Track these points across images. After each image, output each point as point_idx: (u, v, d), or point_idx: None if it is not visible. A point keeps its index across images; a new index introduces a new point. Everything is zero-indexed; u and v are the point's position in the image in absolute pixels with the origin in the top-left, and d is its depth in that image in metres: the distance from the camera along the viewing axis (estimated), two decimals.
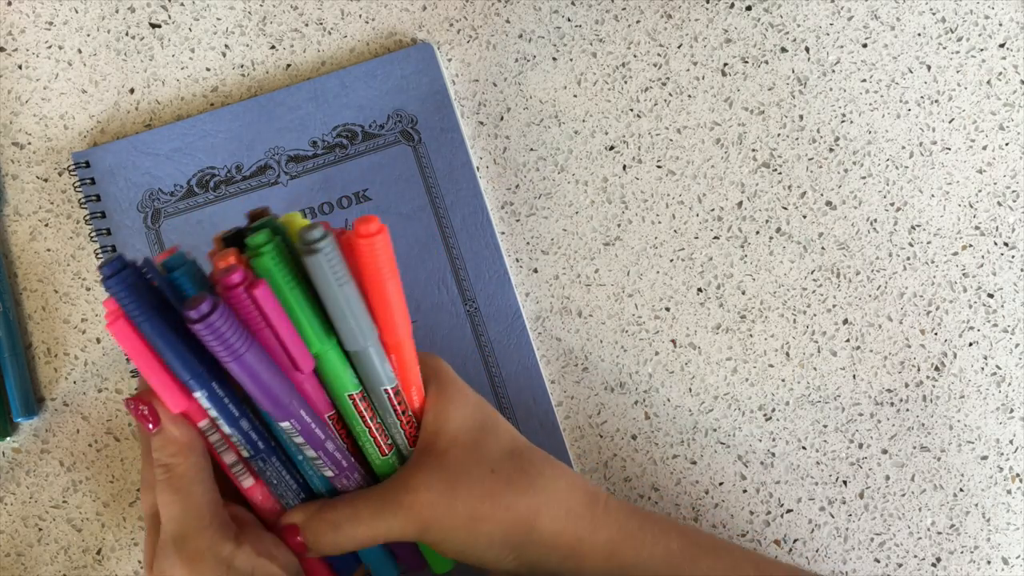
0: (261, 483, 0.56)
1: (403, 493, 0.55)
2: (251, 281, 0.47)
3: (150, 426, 0.52)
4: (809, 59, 0.73)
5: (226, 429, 0.52)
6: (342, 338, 0.51)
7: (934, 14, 0.73)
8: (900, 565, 0.71)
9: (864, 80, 0.73)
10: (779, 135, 0.73)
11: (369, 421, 0.55)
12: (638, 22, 0.74)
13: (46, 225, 0.74)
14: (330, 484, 0.58)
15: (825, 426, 0.72)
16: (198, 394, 0.50)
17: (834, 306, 0.72)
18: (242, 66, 0.75)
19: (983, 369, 0.72)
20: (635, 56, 0.74)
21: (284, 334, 0.48)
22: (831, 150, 0.73)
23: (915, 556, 0.71)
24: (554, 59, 0.74)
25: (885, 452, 0.72)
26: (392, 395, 0.55)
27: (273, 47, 0.75)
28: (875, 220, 0.72)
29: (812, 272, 0.72)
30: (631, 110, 0.74)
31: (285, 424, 0.51)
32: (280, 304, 0.48)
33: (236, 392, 0.51)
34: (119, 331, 0.48)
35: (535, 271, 0.73)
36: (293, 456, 0.56)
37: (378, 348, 0.52)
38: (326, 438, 0.54)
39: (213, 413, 0.51)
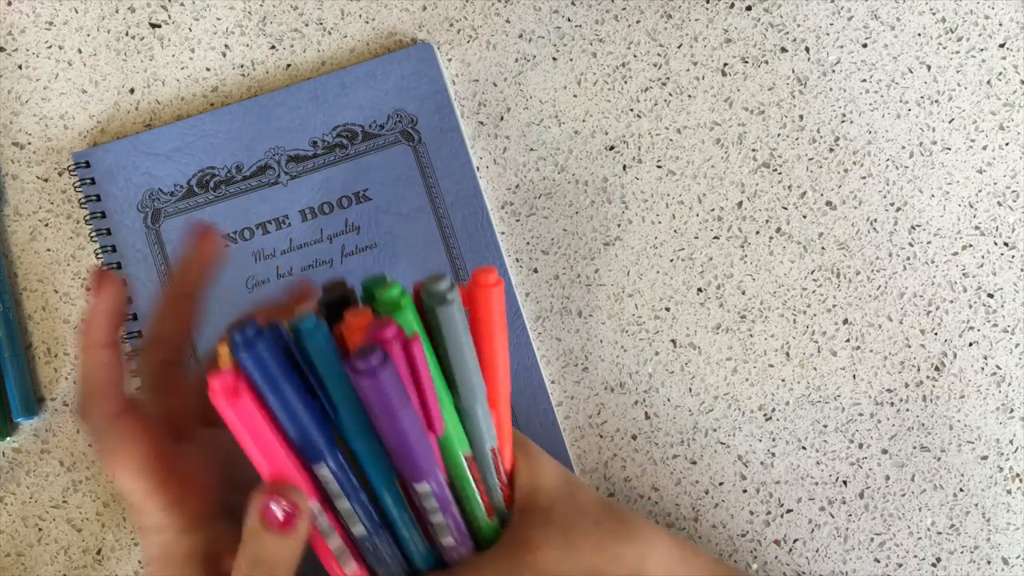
0: (364, 568, 0.53)
1: (525, 552, 0.54)
2: (405, 337, 0.45)
3: (288, 525, 0.47)
4: (809, 59, 0.73)
5: (344, 505, 0.50)
6: (461, 394, 0.50)
7: (934, 14, 0.73)
8: (900, 565, 0.71)
9: (864, 80, 0.73)
10: (779, 135, 0.73)
11: (479, 483, 0.54)
12: (638, 22, 0.74)
13: (46, 225, 0.74)
14: (433, 558, 0.55)
15: (825, 426, 0.72)
16: (323, 467, 0.48)
17: (834, 306, 0.72)
18: (242, 66, 0.75)
19: (983, 369, 0.72)
20: (635, 56, 0.74)
21: (428, 392, 0.47)
22: (831, 150, 0.73)
23: (915, 556, 0.71)
24: (554, 59, 0.74)
25: (885, 452, 0.72)
26: (495, 454, 0.54)
27: (273, 47, 0.75)
28: (875, 220, 0.72)
29: (812, 272, 0.72)
30: (631, 110, 0.74)
31: (423, 486, 0.50)
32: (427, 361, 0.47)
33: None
34: (242, 411, 0.45)
35: (535, 271, 0.73)
36: (399, 531, 0.53)
37: (485, 405, 0.52)
38: (451, 501, 0.52)
39: (334, 487, 0.49)
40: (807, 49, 0.73)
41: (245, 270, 0.71)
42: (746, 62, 0.74)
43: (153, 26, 0.75)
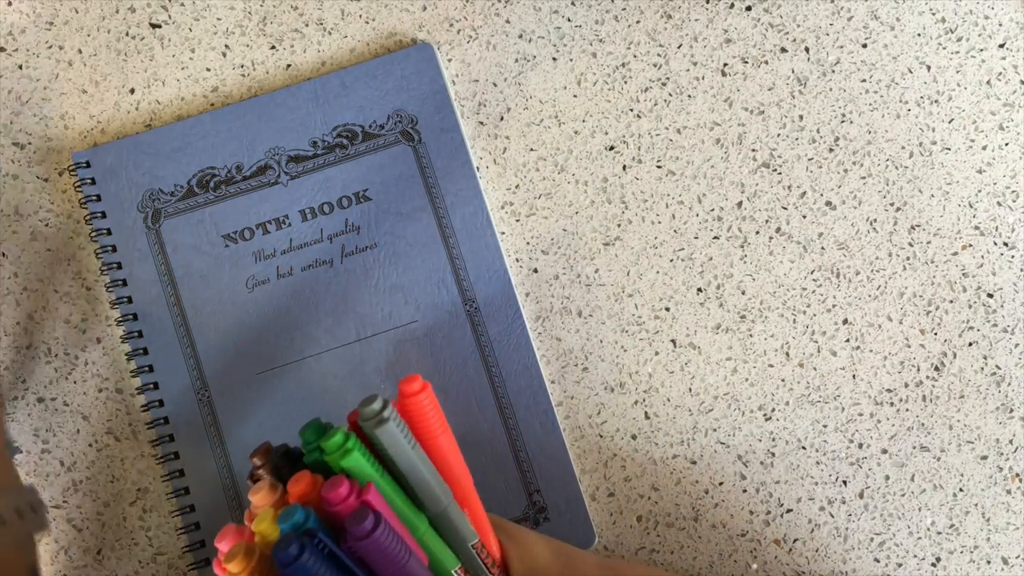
0: None
1: None
2: (358, 489, 0.47)
3: None
4: (809, 59, 0.73)
5: None
6: (425, 503, 0.50)
7: (934, 14, 0.73)
8: (900, 565, 0.71)
9: (864, 80, 0.73)
10: (779, 135, 0.73)
11: None
12: (638, 22, 0.74)
13: (46, 225, 0.74)
14: None
15: (825, 426, 0.72)
16: None
17: (834, 306, 0.72)
18: (242, 66, 0.75)
19: (983, 369, 0.72)
20: (635, 56, 0.74)
21: (399, 530, 0.48)
22: (831, 150, 0.73)
23: (915, 556, 0.71)
24: (554, 59, 0.74)
25: (885, 452, 0.72)
26: (479, 550, 0.54)
27: (273, 47, 0.75)
28: (875, 220, 0.72)
29: (812, 272, 0.72)
30: (631, 110, 0.74)
31: None
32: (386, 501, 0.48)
33: None
34: None
35: (535, 271, 0.73)
36: None
37: (455, 505, 0.52)
38: None
39: None
40: (807, 49, 0.73)
41: (245, 270, 0.71)
42: (746, 62, 0.74)
43: (153, 26, 0.75)
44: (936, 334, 0.72)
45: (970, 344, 0.72)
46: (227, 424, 0.71)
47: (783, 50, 0.74)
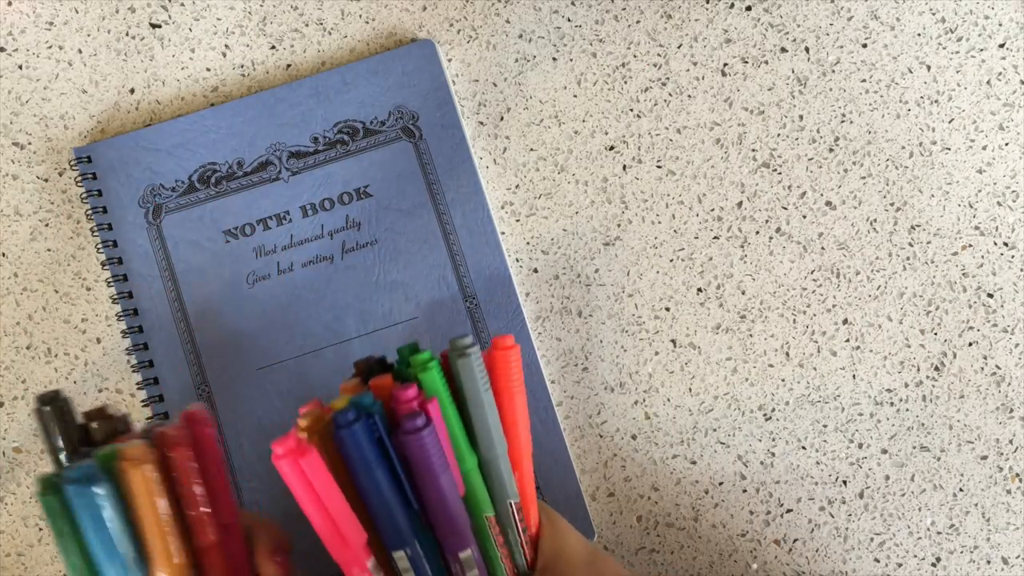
0: None
1: None
2: (423, 398, 0.49)
3: None
4: (809, 59, 0.73)
5: None
6: (480, 445, 0.52)
7: (934, 14, 0.73)
8: (900, 565, 0.71)
9: (864, 80, 0.73)
10: (779, 135, 0.73)
11: (502, 547, 0.54)
12: (638, 22, 0.74)
13: (46, 225, 0.74)
14: None
15: (825, 426, 0.72)
16: (400, 553, 0.50)
17: (834, 306, 0.72)
18: (242, 66, 0.75)
19: (983, 369, 0.72)
20: (635, 56, 0.74)
21: (450, 454, 0.50)
22: (831, 150, 0.73)
23: (915, 556, 0.71)
24: (554, 59, 0.74)
25: (885, 452, 0.72)
26: (515, 510, 0.55)
27: (273, 47, 0.75)
28: (875, 220, 0.72)
29: (812, 272, 0.72)
30: (631, 110, 0.74)
31: (466, 553, 0.52)
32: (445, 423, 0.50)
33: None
34: (310, 467, 0.47)
35: (535, 271, 0.73)
36: None
37: (506, 460, 0.53)
38: (483, 564, 0.54)
39: (410, 574, 0.51)
40: (807, 49, 0.74)
41: (246, 266, 0.71)
42: (746, 62, 0.74)
43: (153, 26, 0.75)
44: (936, 334, 0.72)
45: (970, 344, 0.72)
46: (227, 419, 0.71)
47: (783, 50, 0.74)
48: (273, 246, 0.71)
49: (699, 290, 0.73)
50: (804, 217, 0.73)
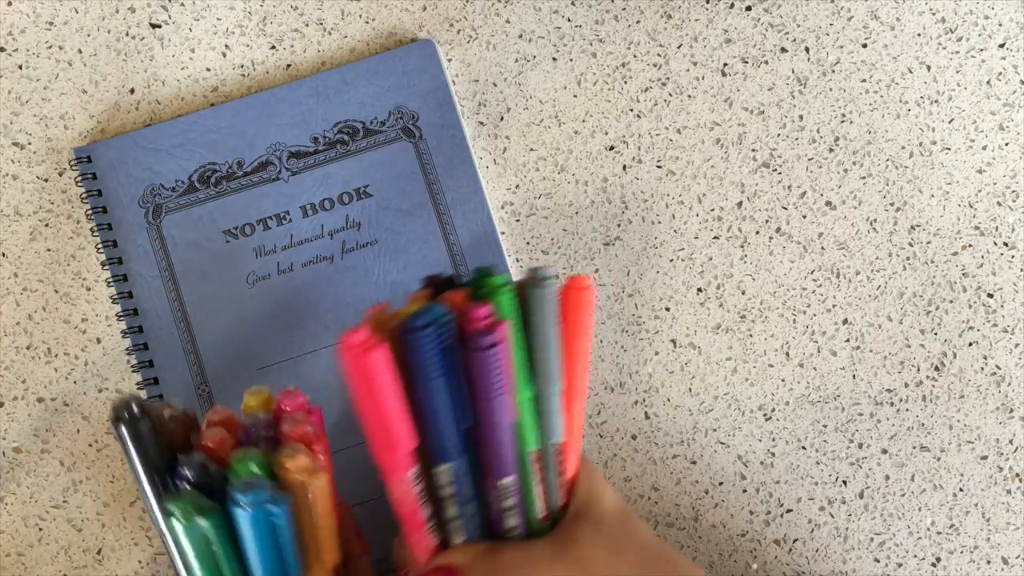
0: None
1: (575, 547, 0.54)
2: (497, 318, 0.49)
3: None
4: (809, 59, 0.73)
5: (452, 512, 0.52)
6: (539, 379, 0.52)
7: (934, 14, 0.73)
8: (900, 565, 0.71)
9: (864, 80, 0.73)
10: (779, 135, 0.73)
11: (540, 483, 0.54)
12: (638, 22, 0.74)
13: (46, 225, 0.74)
14: (483, 530, 0.56)
15: (825, 426, 0.72)
16: (445, 467, 0.51)
17: (834, 306, 0.72)
18: (242, 66, 0.75)
19: (983, 369, 0.72)
20: (635, 56, 0.74)
21: (508, 375, 0.50)
22: (831, 150, 0.73)
23: (915, 556, 0.71)
24: (554, 59, 0.74)
25: (885, 452, 0.72)
26: (558, 452, 0.55)
27: (273, 47, 0.75)
28: (875, 220, 0.72)
29: (812, 272, 0.72)
30: (631, 110, 0.74)
31: (507, 480, 0.52)
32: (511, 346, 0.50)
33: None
34: (373, 364, 0.47)
35: None
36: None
37: (560, 399, 0.53)
38: (521, 493, 0.54)
39: (448, 492, 0.52)
40: (807, 49, 0.74)
41: (246, 266, 0.71)
42: (746, 62, 0.74)
43: (153, 26, 0.75)
44: (936, 334, 0.72)
45: (970, 344, 0.72)
46: None
47: (783, 50, 0.74)
48: (273, 246, 0.71)
49: (699, 290, 0.73)
50: (804, 217, 0.73)
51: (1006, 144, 0.73)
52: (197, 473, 0.46)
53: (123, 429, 0.46)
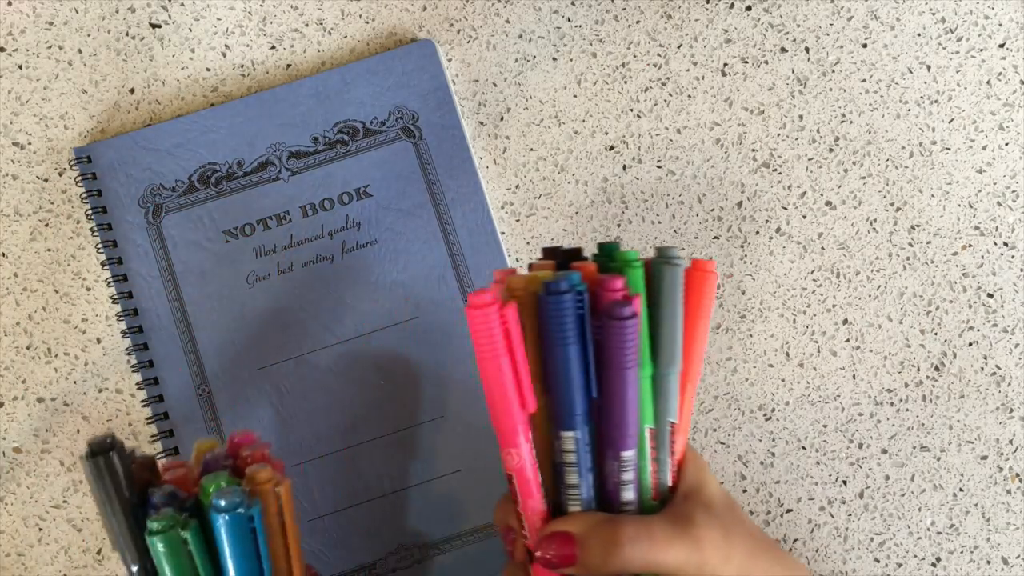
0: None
1: (691, 527, 0.53)
2: (629, 292, 0.49)
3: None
4: (809, 59, 0.73)
5: (572, 480, 0.52)
6: (661, 356, 0.52)
7: (934, 14, 0.73)
8: (900, 565, 0.71)
9: (864, 80, 0.73)
10: (779, 135, 0.73)
11: (653, 460, 0.54)
12: (638, 22, 0.74)
13: (46, 225, 0.74)
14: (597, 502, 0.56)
15: (825, 426, 0.72)
16: (571, 434, 0.51)
17: (834, 306, 0.72)
18: (242, 66, 0.75)
19: (983, 369, 0.72)
20: (635, 56, 0.74)
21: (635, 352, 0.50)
22: (831, 150, 0.73)
23: (915, 556, 0.71)
24: (554, 59, 0.74)
25: (885, 452, 0.72)
26: (672, 432, 0.55)
27: (273, 47, 0.75)
28: (875, 220, 0.72)
29: (812, 272, 0.72)
30: (631, 110, 0.74)
31: (630, 453, 0.52)
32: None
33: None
34: (498, 320, 0.48)
35: None
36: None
37: (678, 378, 0.53)
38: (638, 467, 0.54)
39: (570, 458, 0.52)
40: (807, 49, 0.74)
41: (246, 266, 0.71)
42: (746, 62, 0.74)
43: (153, 26, 0.75)
44: (936, 334, 0.72)
45: (970, 344, 0.72)
46: (227, 419, 0.71)
47: (783, 50, 0.74)
48: (273, 246, 0.71)
49: None
50: (804, 217, 0.73)
51: (1006, 144, 0.73)
52: (168, 500, 0.46)
53: (99, 463, 0.46)
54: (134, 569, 0.46)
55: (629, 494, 0.53)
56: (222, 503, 0.45)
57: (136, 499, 0.47)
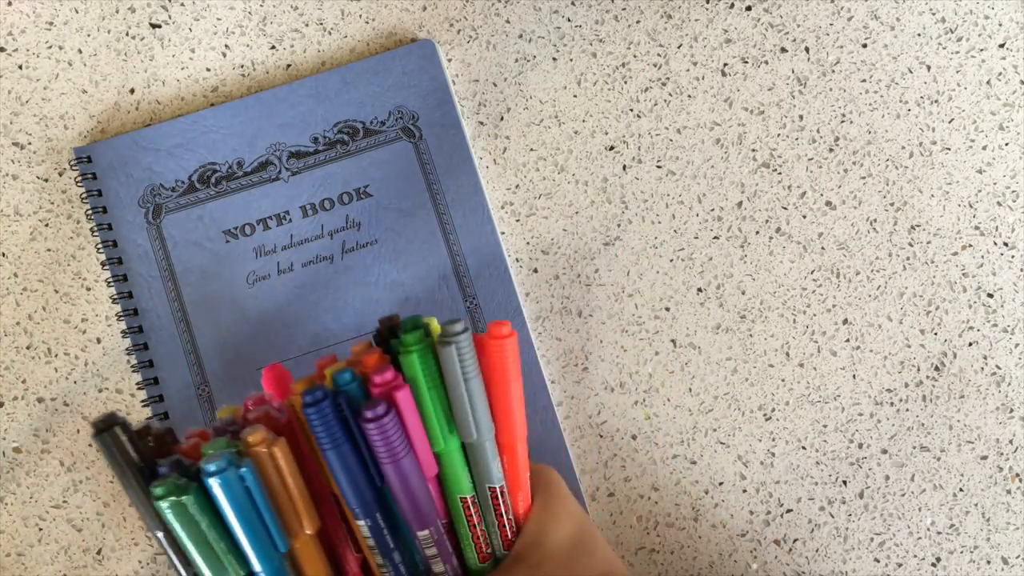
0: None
1: None
2: (396, 384, 0.49)
3: None
4: (809, 59, 0.73)
5: (378, 560, 0.53)
6: (459, 428, 0.52)
7: (934, 14, 0.73)
8: (900, 565, 0.71)
9: (864, 80, 0.73)
10: (779, 135, 0.73)
11: (476, 526, 0.55)
12: (638, 22, 0.74)
13: (46, 225, 0.74)
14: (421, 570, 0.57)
15: (825, 426, 0.72)
16: (362, 522, 0.51)
17: (834, 306, 0.72)
18: (242, 66, 0.75)
19: (983, 369, 0.72)
20: (635, 56, 0.74)
21: (414, 434, 0.50)
22: (831, 150, 0.73)
23: (915, 556, 0.71)
24: (554, 59, 0.74)
25: (885, 452, 0.72)
26: (497, 494, 0.55)
27: (273, 47, 0.75)
28: (875, 220, 0.72)
29: (812, 272, 0.72)
30: (631, 110, 0.74)
31: (424, 533, 0.53)
32: (416, 409, 0.50)
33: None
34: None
35: (535, 271, 0.73)
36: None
37: (492, 445, 0.54)
38: (447, 543, 0.54)
39: (369, 543, 0.53)
40: (807, 49, 0.74)
41: (246, 265, 0.71)
42: (746, 62, 0.74)
43: (153, 26, 0.75)
44: (936, 334, 0.72)
45: (970, 344, 0.72)
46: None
47: (783, 50, 0.74)
48: (273, 246, 0.71)
49: (699, 290, 0.73)
50: (804, 217, 0.73)
51: (1006, 144, 0.73)
52: (172, 467, 0.47)
53: (106, 438, 0.47)
54: (160, 535, 0.47)
55: (439, 567, 0.54)
56: (211, 467, 0.46)
57: (149, 470, 0.48)
